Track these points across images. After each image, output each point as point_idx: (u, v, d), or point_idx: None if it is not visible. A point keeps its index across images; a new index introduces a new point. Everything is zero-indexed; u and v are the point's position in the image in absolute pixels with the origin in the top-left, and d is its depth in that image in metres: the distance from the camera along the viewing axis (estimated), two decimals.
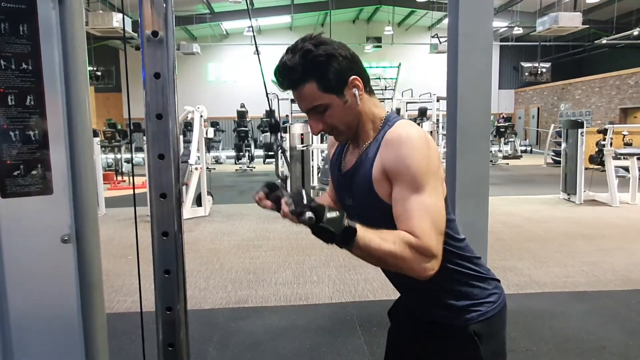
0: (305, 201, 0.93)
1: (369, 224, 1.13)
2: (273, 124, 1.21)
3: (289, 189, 1.03)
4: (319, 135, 1.37)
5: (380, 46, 20.46)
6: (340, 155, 1.25)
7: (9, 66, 0.95)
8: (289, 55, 1.07)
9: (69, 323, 1.08)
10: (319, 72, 1.06)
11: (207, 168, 7.88)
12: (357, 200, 1.17)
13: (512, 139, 16.07)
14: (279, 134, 1.20)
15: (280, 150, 1.21)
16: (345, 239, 0.95)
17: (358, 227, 0.96)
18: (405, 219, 1.01)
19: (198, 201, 6.79)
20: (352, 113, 1.11)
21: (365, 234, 0.97)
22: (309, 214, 0.92)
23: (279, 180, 1.09)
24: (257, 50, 1.52)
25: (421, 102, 13.04)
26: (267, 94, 1.22)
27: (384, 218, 1.08)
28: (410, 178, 1.02)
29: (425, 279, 1.01)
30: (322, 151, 8.18)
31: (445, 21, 2.49)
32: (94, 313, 1.10)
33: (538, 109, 20.51)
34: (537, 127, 19.99)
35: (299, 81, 1.07)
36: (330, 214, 0.94)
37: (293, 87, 1.09)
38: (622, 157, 7.53)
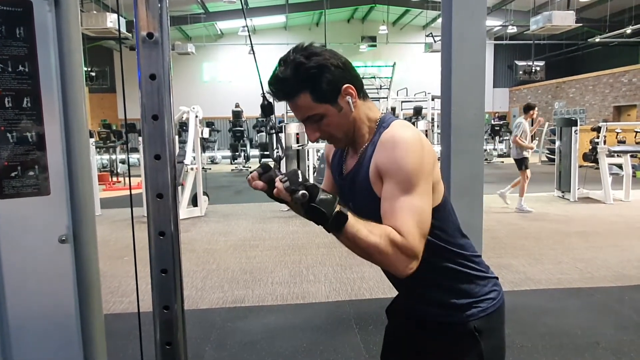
0: (300, 180, 0.94)
1: None
2: (266, 105, 1.19)
3: (283, 170, 1.04)
4: None
5: (375, 45, 20.48)
6: (341, 160, 1.27)
7: (6, 68, 0.96)
8: (281, 68, 1.08)
9: (67, 323, 1.08)
10: (311, 84, 1.07)
11: (203, 168, 7.87)
12: (357, 202, 1.19)
13: (507, 137, 16.14)
14: (273, 116, 1.18)
15: (274, 132, 1.20)
16: (335, 223, 0.96)
17: (349, 215, 0.98)
18: (392, 217, 1.02)
19: (194, 201, 6.78)
20: (347, 120, 1.13)
21: (355, 224, 0.98)
22: (302, 191, 0.92)
23: (273, 162, 1.09)
24: (252, 49, 1.53)
25: (416, 101, 13.08)
26: (262, 94, 1.23)
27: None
28: (401, 179, 1.03)
29: (403, 277, 1.03)
30: (318, 150, 8.20)
31: (440, 20, 2.52)
32: (92, 313, 1.11)
33: None
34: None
35: (292, 93, 1.09)
36: (323, 195, 0.95)
37: (287, 99, 1.11)
38: (615, 154, 7.58)
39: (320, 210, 0.94)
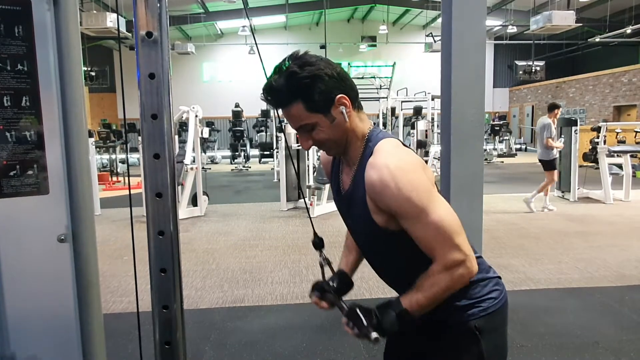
0: (363, 320, 1.08)
1: (368, 244, 1.24)
2: (317, 242, 1.31)
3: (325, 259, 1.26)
4: None
5: (375, 45, 20.48)
6: (338, 173, 1.27)
7: (5, 67, 0.96)
8: (275, 76, 1.09)
9: (66, 322, 1.08)
10: (304, 94, 1.07)
11: (203, 168, 7.87)
12: (355, 223, 1.23)
13: (507, 137, 16.14)
14: (315, 233, 1.33)
15: (325, 263, 1.31)
16: (405, 324, 1.08)
17: (404, 302, 1.08)
18: (426, 248, 1.09)
19: (194, 201, 6.78)
20: (340, 130, 1.13)
21: (412, 302, 1.08)
22: (374, 334, 1.05)
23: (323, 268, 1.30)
24: (257, 48, 1.53)
25: (416, 101, 13.07)
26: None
27: (381, 240, 1.14)
28: (411, 210, 1.06)
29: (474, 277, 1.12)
30: (318, 150, 8.20)
31: (440, 20, 2.52)
32: (91, 312, 1.10)
33: (532, 107, 20.59)
34: (532, 125, 20.05)
35: (285, 102, 1.10)
36: (386, 319, 1.07)
37: (280, 107, 1.11)
38: (615, 154, 7.58)
39: (391, 331, 1.09)
